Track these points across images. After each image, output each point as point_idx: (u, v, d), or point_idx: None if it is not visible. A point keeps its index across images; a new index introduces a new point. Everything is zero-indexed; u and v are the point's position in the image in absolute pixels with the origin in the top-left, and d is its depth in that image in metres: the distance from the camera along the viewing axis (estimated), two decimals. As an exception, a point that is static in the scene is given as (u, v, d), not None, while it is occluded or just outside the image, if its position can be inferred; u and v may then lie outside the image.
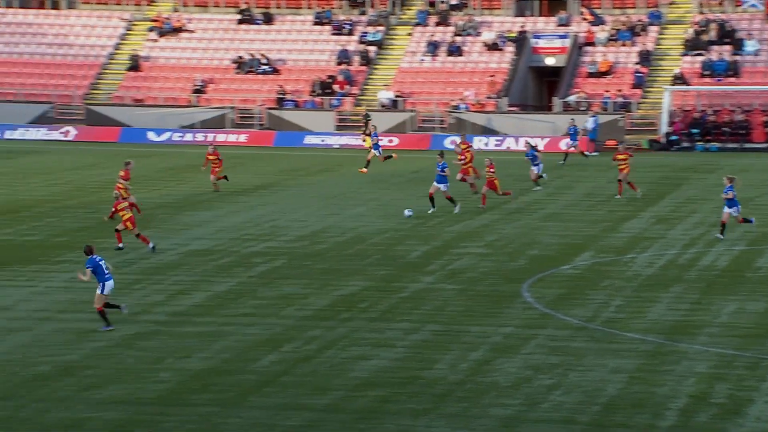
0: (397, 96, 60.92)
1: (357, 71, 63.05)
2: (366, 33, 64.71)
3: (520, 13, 66.00)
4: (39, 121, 60.28)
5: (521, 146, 57.20)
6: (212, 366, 20.39)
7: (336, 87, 61.91)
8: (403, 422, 17.67)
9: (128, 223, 29.85)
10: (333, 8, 66.66)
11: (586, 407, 18.29)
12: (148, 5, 67.56)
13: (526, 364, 20.59)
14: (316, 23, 65.92)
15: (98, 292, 22.53)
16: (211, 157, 40.94)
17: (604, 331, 22.90)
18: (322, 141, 58.22)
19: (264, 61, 63.33)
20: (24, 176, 44.21)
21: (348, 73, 62.58)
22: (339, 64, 63.26)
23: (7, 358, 20.60)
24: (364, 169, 45.42)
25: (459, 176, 40.43)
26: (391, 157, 46.41)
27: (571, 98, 60.12)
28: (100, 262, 22.57)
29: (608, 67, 61.86)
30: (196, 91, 62.01)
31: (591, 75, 61.73)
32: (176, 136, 58.99)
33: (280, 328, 23.00)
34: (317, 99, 61.39)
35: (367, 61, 63.52)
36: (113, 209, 29.85)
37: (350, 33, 65.02)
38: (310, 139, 58.38)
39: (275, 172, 47.27)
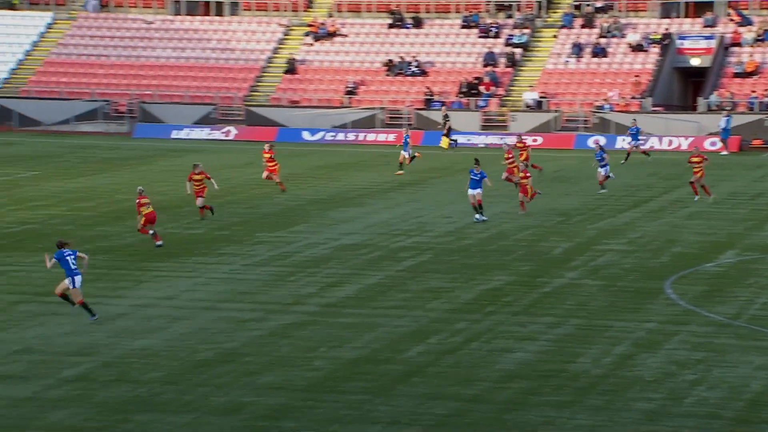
0: (541, 97, 60.39)
1: (503, 73, 62.72)
2: (512, 36, 64.32)
3: (665, 14, 64.65)
4: (203, 121, 61.70)
5: (665, 146, 56.08)
6: (362, 355, 20.53)
7: (482, 88, 61.71)
8: (546, 414, 17.48)
9: (145, 218, 29.70)
10: (480, 12, 66.46)
11: (730, 403, 17.79)
12: (304, 11, 68.48)
13: (670, 359, 20.13)
14: (463, 26, 65.84)
15: (66, 283, 22.47)
16: (266, 155, 40.33)
17: (749, 329, 22.22)
18: (468, 140, 58.15)
19: (414, 63, 63.53)
20: (188, 173, 45.28)
21: (494, 74, 62.31)
22: (485, 66, 63.04)
23: (172, 345, 21.12)
24: (401, 171, 44.69)
25: (504, 175, 39.87)
26: (414, 156, 45.23)
27: (712, 98, 58.60)
28: (67, 257, 22.37)
29: (755, 67, 60.05)
30: (348, 93, 62.59)
31: (737, 75, 60.03)
32: (329, 136, 59.67)
33: (427, 320, 23.02)
34: (463, 100, 61.30)
35: (512, 62, 63.13)
36: (138, 202, 29.96)
37: (497, 36, 64.73)
38: (456, 139, 58.32)
39: (422, 169, 47.31)
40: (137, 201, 30.09)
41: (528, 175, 36.28)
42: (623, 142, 53.36)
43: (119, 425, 17.04)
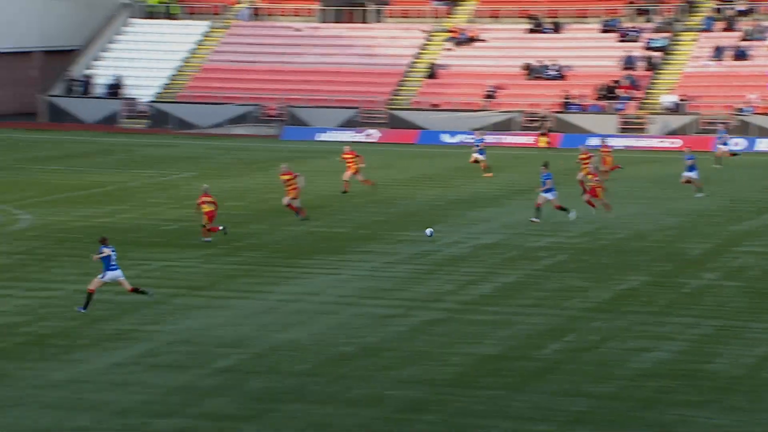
0: (681, 99, 59.08)
1: (641, 76, 61.59)
2: (652, 39, 63.12)
3: (810, 16, 62.52)
4: (347, 124, 62.36)
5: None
6: (499, 352, 20.45)
7: (620, 91, 60.74)
8: (684, 413, 17.10)
9: (206, 216, 30.21)
10: (620, 16, 65.44)
11: None
12: (446, 17, 68.56)
13: (810, 362, 19.45)
14: (602, 31, 64.92)
15: (99, 276, 22.87)
16: (346, 156, 40.04)
17: None
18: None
19: (552, 66, 62.96)
20: (332, 174, 45.82)
21: (632, 78, 61.24)
22: (624, 69, 62.03)
23: (317, 339, 21.42)
24: (489, 173, 44.08)
25: (579, 176, 38.81)
26: (489, 169, 44.60)
27: None
28: (111, 253, 22.86)
29: None
30: (488, 96, 62.41)
31: None
32: (468, 138, 59.58)
33: (563, 318, 22.78)
34: (601, 103, 60.42)
35: (651, 66, 61.94)
36: (198, 202, 30.53)
37: (636, 40, 63.61)
38: (593, 141, 57.51)
39: (559, 171, 46.79)
40: (200, 200, 30.52)
41: (599, 178, 35.39)
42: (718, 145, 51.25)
43: (268, 414, 17.36)
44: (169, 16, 71.27)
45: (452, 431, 16.79)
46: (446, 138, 59.90)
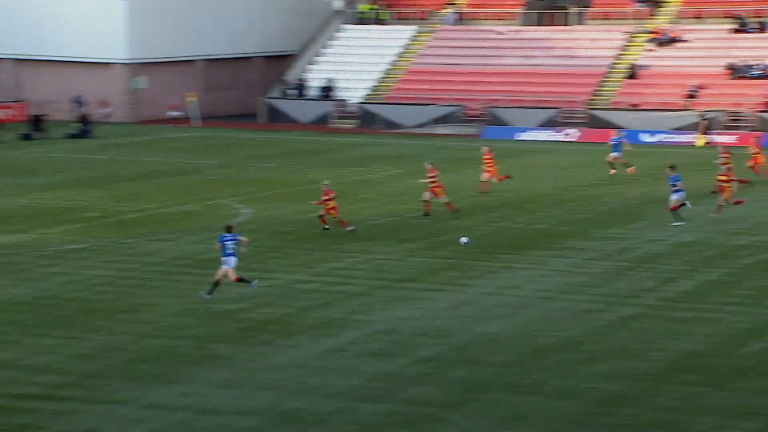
0: None
1: None
2: None
3: None
4: (546, 124, 61.77)
5: None
6: (700, 349, 19.82)
7: (828, 89, 57.72)
8: None
9: (332, 211, 30.75)
10: (828, 14, 62.21)
11: None
12: (648, 19, 66.90)
13: None
14: (810, 29, 61.87)
15: (222, 267, 23.24)
16: (486, 158, 39.20)
17: None
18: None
19: (758, 66, 60.43)
20: (532, 172, 45.47)
21: (841, 75, 58.07)
22: (832, 67, 58.91)
23: (517, 331, 21.32)
24: (614, 171, 42.58)
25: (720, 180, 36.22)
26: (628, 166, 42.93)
27: None
28: (226, 242, 23.14)
29: None
30: (689, 96, 60.52)
31: None
32: (667, 138, 57.95)
33: (766, 317, 21.83)
34: (806, 102, 57.56)
35: None
36: (323, 197, 30.52)
37: None
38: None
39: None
40: (326, 197, 31.03)
41: (731, 178, 33.45)
42: None
43: (470, 403, 17.42)
44: (379, 21, 72.41)
45: (652, 426, 16.39)
46: (645, 137, 58.39)
